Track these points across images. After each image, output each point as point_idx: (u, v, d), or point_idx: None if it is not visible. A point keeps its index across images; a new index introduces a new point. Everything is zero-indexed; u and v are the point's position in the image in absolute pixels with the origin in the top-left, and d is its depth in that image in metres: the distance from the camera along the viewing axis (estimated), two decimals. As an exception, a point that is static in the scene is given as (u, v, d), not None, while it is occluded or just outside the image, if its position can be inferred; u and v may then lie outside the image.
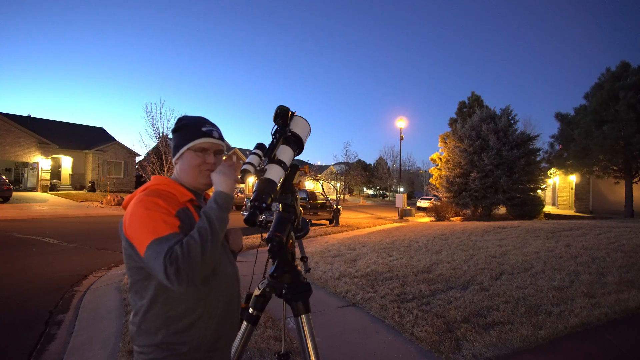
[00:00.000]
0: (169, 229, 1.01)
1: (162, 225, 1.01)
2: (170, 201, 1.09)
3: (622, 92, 15.87)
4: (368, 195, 61.48)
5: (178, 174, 1.22)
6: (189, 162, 1.20)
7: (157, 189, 1.13)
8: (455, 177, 19.38)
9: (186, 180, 1.21)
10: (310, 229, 1.85)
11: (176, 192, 1.14)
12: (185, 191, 1.17)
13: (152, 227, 1.01)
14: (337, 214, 15.08)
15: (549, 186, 29.35)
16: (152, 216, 1.02)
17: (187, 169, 1.20)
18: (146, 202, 1.05)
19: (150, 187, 1.14)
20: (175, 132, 1.24)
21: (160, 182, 1.16)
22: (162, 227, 1.01)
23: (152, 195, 1.08)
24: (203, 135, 1.21)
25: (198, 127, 1.22)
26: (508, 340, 2.89)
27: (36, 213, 14.92)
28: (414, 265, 5.68)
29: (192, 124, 1.23)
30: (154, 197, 1.07)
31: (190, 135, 1.21)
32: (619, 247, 6.13)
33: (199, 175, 1.20)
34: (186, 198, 1.15)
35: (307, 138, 1.49)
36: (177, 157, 1.22)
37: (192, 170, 1.19)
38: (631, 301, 3.56)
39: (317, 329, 1.48)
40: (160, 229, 1.00)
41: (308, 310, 1.38)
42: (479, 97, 26.81)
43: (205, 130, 1.22)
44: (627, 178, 17.28)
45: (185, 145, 1.20)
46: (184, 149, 1.20)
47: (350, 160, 40.69)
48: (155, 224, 1.01)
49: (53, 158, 26.71)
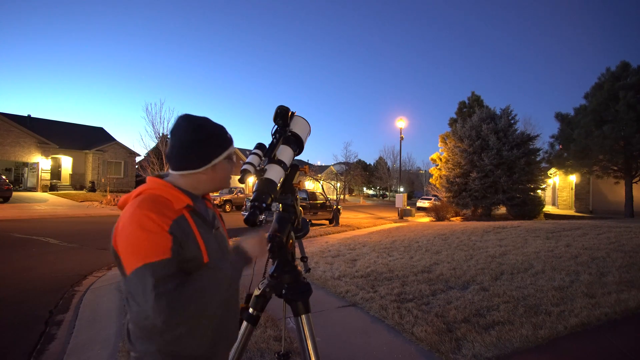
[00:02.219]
0: (159, 253, 0.95)
1: (153, 248, 0.95)
2: (165, 211, 1.02)
3: (622, 92, 15.88)
4: (368, 195, 61.47)
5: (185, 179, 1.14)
6: (225, 172, 1.18)
7: (153, 194, 1.06)
8: (455, 177, 19.38)
9: (204, 186, 1.17)
10: (310, 229, 1.85)
11: (172, 198, 1.07)
12: (183, 196, 1.09)
13: (142, 250, 0.95)
14: (337, 214, 15.07)
15: (549, 186, 29.35)
16: (143, 237, 0.96)
17: (222, 178, 1.18)
18: (139, 218, 0.98)
19: (146, 193, 1.07)
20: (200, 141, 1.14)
21: (156, 186, 1.09)
22: (153, 251, 0.95)
23: (146, 206, 1.00)
24: (232, 142, 1.20)
25: (225, 134, 1.18)
26: (508, 340, 2.89)
27: (36, 213, 14.91)
28: (414, 265, 5.68)
29: (218, 132, 1.17)
30: (147, 211, 0.99)
31: (222, 143, 1.17)
32: (619, 247, 6.12)
33: (227, 182, 1.21)
34: (182, 204, 1.07)
35: (307, 138, 1.50)
36: (207, 167, 1.14)
37: (226, 179, 1.20)
38: (631, 301, 3.56)
39: (317, 329, 1.48)
40: (151, 253, 0.95)
41: (308, 310, 1.38)
42: (479, 97, 26.82)
43: (230, 138, 1.20)
44: (627, 178, 17.28)
45: (222, 154, 1.16)
46: (221, 158, 1.16)
47: (350, 160, 40.71)
48: (146, 246, 0.95)
49: (53, 158, 26.70)
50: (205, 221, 1.14)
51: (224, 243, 1.24)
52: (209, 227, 1.15)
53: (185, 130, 1.12)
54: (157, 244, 0.96)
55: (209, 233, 1.14)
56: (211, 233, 1.16)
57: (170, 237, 0.98)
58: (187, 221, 1.06)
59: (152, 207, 1.00)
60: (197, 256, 1.06)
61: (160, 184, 1.10)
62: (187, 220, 1.06)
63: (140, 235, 0.96)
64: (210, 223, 1.17)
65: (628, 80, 16.44)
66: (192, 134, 1.12)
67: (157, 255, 0.95)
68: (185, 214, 1.07)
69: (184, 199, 1.09)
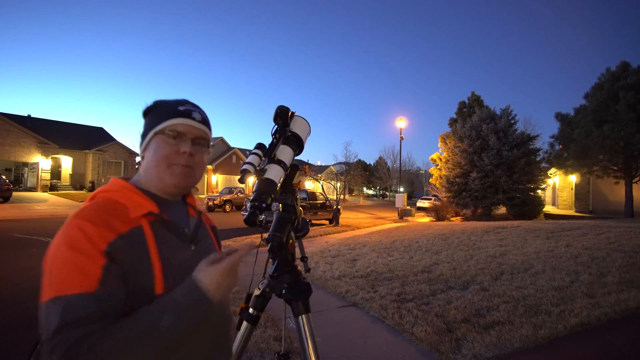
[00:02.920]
0: (80, 284, 0.69)
1: (74, 276, 0.69)
2: (112, 222, 0.77)
3: (622, 92, 15.88)
4: (368, 195, 61.50)
5: (142, 173, 0.91)
6: (154, 152, 0.87)
7: (106, 199, 0.84)
8: (455, 177, 19.39)
9: (150, 180, 0.89)
10: (310, 229, 1.85)
11: (130, 202, 0.83)
12: (143, 201, 0.84)
13: (58, 276, 0.70)
14: (337, 214, 15.08)
15: (549, 186, 29.35)
16: (66, 258, 0.71)
17: (151, 161, 0.88)
18: (70, 232, 0.74)
19: (99, 197, 0.85)
20: (145, 116, 0.93)
21: (112, 188, 0.86)
22: (72, 281, 0.69)
23: (85, 215, 0.77)
24: (178, 114, 0.89)
25: (173, 105, 0.91)
26: (508, 340, 2.89)
27: (36, 213, 14.91)
28: (414, 265, 5.68)
29: (166, 102, 0.93)
30: (84, 221, 0.75)
31: (161, 115, 0.90)
32: (619, 247, 6.13)
33: (166, 170, 0.87)
34: (141, 212, 0.82)
35: (307, 138, 1.49)
36: (143, 147, 0.91)
37: (158, 164, 0.87)
38: (631, 301, 3.57)
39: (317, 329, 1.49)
40: (68, 283, 0.69)
41: (308, 310, 1.38)
42: (479, 97, 26.85)
43: (183, 110, 0.90)
44: (627, 178, 17.28)
45: (153, 128, 0.89)
46: (151, 133, 0.89)
47: (350, 160, 40.68)
48: (64, 272, 0.70)
49: (53, 158, 26.72)
50: (179, 234, 0.88)
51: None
52: (183, 242, 0.89)
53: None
54: (80, 271, 0.70)
55: (180, 251, 0.87)
56: (186, 251, 0.88)
57: (103, 260, 0.72)
58: (142, 236, 0.80)
59: (93, 216, 0.76)
60: (146, 287, 0.77)
61: (119, 185, 0.87)
62: (143, 235, 0.80)
63: (64, 256, 0.71)
64: (185, 236, 0.90)
65: (628, 80, 16.44)
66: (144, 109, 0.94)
67: (76, 286, 0.69)
68: (143, 225, 0.82)
69: (145, 204, 0.84)
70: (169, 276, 0.81)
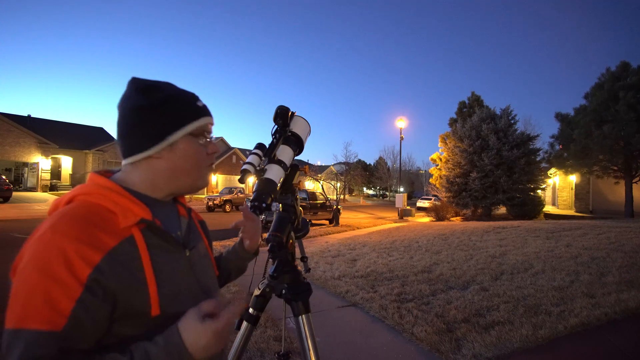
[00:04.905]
0: (46, 320, 0.59)
1: (41, 309, 0.59)
2: (99, 237, 0.65)
3: (622, 92, 15.88)
4: (368, 195, 61.50)
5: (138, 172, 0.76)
6: (187, 156, 0.76)
7: (88, 204, 0.70)
8: (455, 177, 19.39)
9: (165, 181, 0.77)
10: (310, 229, 1.85)
11: (118, 209, 0.70)
12: (133, 206, 0.71)
13: (24, 305, 0.60)
14: (337, 214, 15.08)
15: (549, 186, 29.35)
16: (37, 284, 0.60)
17: (187, 165, 0.77)
18: (44, 251, 0.62)
19: (78, 200, 0.71)
20: (150, 108, 0.74)
21: (95, 191, 0.71)
22: (38, 314, 0.59)
23: (64, 229, 0.64)
24: (202, 112, 0.79)
25: (190, 99, 0.79)
26: (508, 340, 2.89)
27: (36, 213, 14.91)
28: (414, 265, 5.68)
29: (179, 96, 0.78)
30: (63, 238, 0.62)
31: (186, 110, 0.77)
32: (619, 247, 6.13)
33: (199, 174, 0.79)
34: (132, 220, 0.69)
35: (307, 138, 1.49)
36: (161, 146, 0.74)
37: (193, 169, 0.78)
38: (631, 301, 3.57)
39: (317, 329, 1.48)
40: (34, 316, 0.59)
41: (308, 310, 1.38)
42: (479, 97, 26.83)
43: (202, 106, 0.80)
44: (627, 178, 17.28)
45: (184, 126, 0.76)
46: (180, 134, 0.75)
47: (350, 160, 40.72)
48: (32, 301, 0.59)
49: (53, 158, 26.72)
50: (172, 241, 0.76)
51: (204, 271, 0.84)
52: (177, 249, 0.77)
53: (130, 97, 0.75)
54: (49, 303, 0.59)
55: (175, 262, 0.75)
56: (181, 259, 0.77)
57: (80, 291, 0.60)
58: (135, 249, 0.68)
59: (77, 231, 0.64)
60: (140, 308, 0.67)
61: (102, 186, 0.72)
62: (135, 247, 0.68)
63: (33, 281, 0.60)
64: (178, 243, 0.78)
65: (628, 80, 16.45)
66: (140, 98, 0.74)
67: (41, 321, 0.59)
68: (135, 236, 0.69)
69: (136, 210, 0.71)
70: (166, 294, 0.70)
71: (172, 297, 0.71)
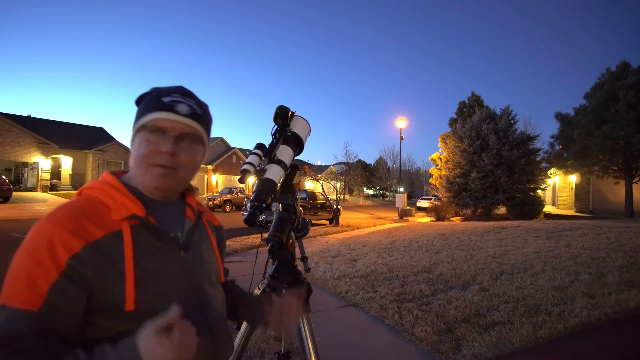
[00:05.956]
0: (23, 299, 0.63)
1: (21, 288, 0.64)
2: (87, 226, 0.69)
3: (622, 92, 15.90)
4: (368, 195, 61.53)
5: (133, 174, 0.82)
6: (136, 150, 0.78)
7: (89, 198, 0.76)
8: (455, 177, 19.39)
9: (135, 178, 0.81)
10: (310, 229, 1.85)
11: (113, 203, 0.74)
12: (128, 202, 0.75)
13: (9, 284, 0.65)
14: (337, 214, 15.08)
15: (549, 186, 29.35)
16: (22, 265, 0.66)
17: (134, 159, 0.79)
18: (36, 235, 0.68)
19: (83, 194, 0.78)
20: (137, 104, 0.84)
21: (98, 186, 0.78)
22: (19, 292, 0.64)
23: (58, 217, 0.69)
24: (160, 107, 0.78)
25: (158, 96, 0.80)
26: (508, 340, 2.89)
27: (36, 213, 14.91)
28: (414, 265, 5.68)
29: (156, 91, 0.82)
30: (53, 225, 0.68)
31: (145, 107, 0.80)
32: (619, 247, 6.13)
33: (146, 171, 0.77)
34: (123, 214, 0.73)
35: (307, 138, 1.50)
36: (130, 141, 0.82)
37: (138, 163, 0.78)
38: (631, 301, 3.56)
39: (317, 329, 1.49)
40: (15, 294, 0.64)
41: (308, 310, 1.38)
42: (479, 97, 26.86)
43: (167, 102, 0.78)
44: (627, 178, 17.29)
45: (137, 121, 0.80)
46: (135, 128, 0.80)
47: (350, 160, 40.72)
48: (15, 280, 0.65)
49: (53, 158, 26.74)
50: (166, 240, 0.78)
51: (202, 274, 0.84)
52: (171, 249, 0.78)
53: None
54: (29, 283, 0.64)
55: (164, 260, 0.76)
56: (174, 260, 0.78)
57: (55, 276, 0.64)
58: (120, 242, 0.71)
59: (66, 220, 0.69)
60: (114, 302, 0.68)
61: (105, 183, 0.78)
62: (121, 240, 0.71)
63: (21, 262, 0.66)
64: (173, 243, 0.79)
65: (628, 80, 16.46)
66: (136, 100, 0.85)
67: (20, 300, 0.63)
68: (124, 230, 0.72)
69: (129, 206, 0.74)
70: (143, 290, 0.70)
71: (153, 295, 0.72)
